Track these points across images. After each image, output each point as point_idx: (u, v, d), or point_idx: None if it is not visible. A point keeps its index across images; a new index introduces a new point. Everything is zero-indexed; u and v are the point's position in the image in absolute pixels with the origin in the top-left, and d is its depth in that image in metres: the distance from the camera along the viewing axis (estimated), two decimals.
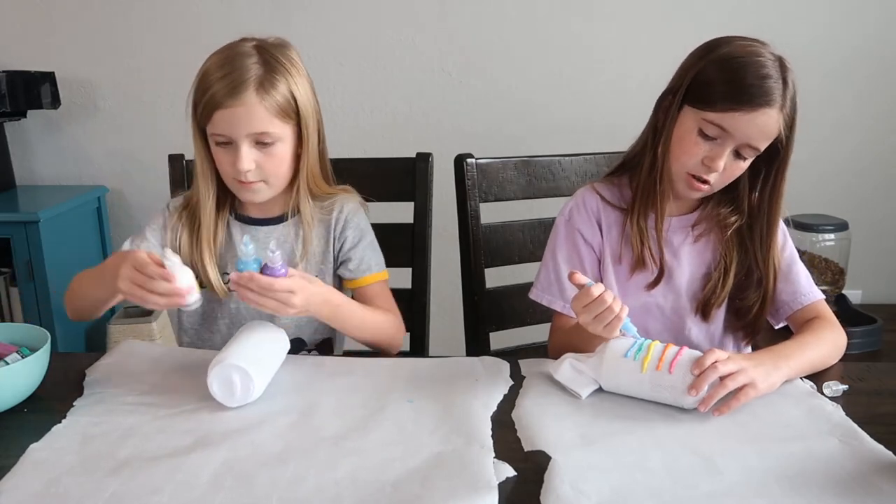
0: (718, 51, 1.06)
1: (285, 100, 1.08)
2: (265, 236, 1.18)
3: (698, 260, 1.16)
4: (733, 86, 1.02)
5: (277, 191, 1.15)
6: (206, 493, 0.73)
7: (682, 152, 1.07)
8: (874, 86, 2.18)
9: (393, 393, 0.95)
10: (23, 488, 0.74)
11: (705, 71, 1.05)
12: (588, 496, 0.72)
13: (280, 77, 1.08)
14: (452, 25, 2.20)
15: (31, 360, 0.92)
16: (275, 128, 1.08)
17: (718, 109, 1.02)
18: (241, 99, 1.05)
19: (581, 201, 1.20)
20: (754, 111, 1.00)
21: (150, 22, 2.22)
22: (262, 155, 1.09)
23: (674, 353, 0.91)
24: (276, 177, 1.12)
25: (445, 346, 1.37)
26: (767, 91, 1.00)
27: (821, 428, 0.86)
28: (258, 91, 1.06)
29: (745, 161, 1.06)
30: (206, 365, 0.91)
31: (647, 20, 2.15)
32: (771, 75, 1.01)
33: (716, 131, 1.03)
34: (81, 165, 2.33)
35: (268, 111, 1.07)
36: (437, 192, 1.43)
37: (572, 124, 2.22)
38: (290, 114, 1.10)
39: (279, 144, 1.10)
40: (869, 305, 2.17)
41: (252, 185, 1.11)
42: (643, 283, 1.15)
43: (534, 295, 1.21)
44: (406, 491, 0.73)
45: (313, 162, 1.16)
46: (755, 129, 1.02)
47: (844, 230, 2.02)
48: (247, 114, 1.06)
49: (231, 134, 1.07)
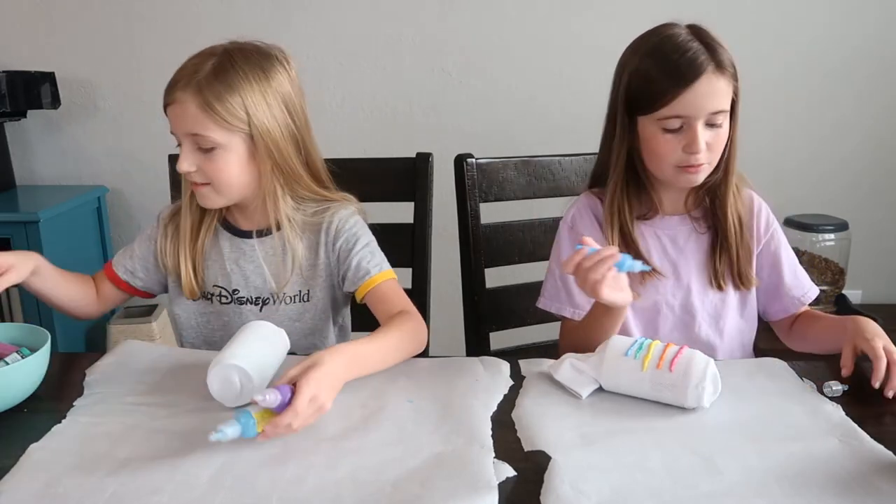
0: (634, 56, 1.10)
1: (230, 108, 1.04)
2: (251, 249, 1.17)
3: (703, 247, 1.17)
4: (664, 74, 1.05)
5: (230, 199, 1.12)
6: (206, 493, 0.73)
7: (659, 156, 1.09)
8: (874, 86, 2.18)
9: (393, 393, 0.95)
10: (23, 488, 0.74)
11: (633, 79, 1.09)
12: (588, 496, 0.72)
13: (229, 84, 1.04)
14: (452, 25, 2.20)
15: (31, 360, 0.92)
16: (211, 133, 1.04)
17: (665, 102, 1.05)
18: (178, 96, 1.04)
19: (583, 207, 1.20)
20: (695, 83, 1.03)
21: (151, 22, 2.22)
22: (204, 159, 1.07)
23: (674, 352, 0.91)
24: (221, 183, 1.08)
25: (445, 346, 1.37)
26: (694, 60, 1.04)
27: (821, 428, 0.86)
28: (197, 93, 1.03)
29: (721, 127, 1.07)
30: (206, 365, 0.91)
31: (647, 20, 2.13)
32: (691, 47, 1.05)
33: (676, 122, 1.06)
34: (81, 165, 2.33)
35: (205, 114, 1.03)
36: (437, 192, 1.43)
37: (572, 124, 2.22)
38: (236, 123, 1.05)
39: (220, 151, 1.06)
40: (869, 305, 2.17)
41: (198, 189, 1.10)
42: (651, 283, 1.15)
43: (542, 304, 1.22)
44: (406, 491, 0.73)
45: (292, 170, 1.12)
46: (706, 98, 1.04)
47: (844, 230, 2.02)
48: (182, 112, 1.04)
49: (174, 131, 1.07)
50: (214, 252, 1.19)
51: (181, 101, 1.04)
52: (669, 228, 1.18)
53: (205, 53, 1.08)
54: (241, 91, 1.05)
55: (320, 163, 1.18)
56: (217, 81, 1.04)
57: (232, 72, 1.05)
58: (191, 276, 1.16)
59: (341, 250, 1.17)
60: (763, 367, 1.03)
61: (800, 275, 1.21)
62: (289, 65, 1.13)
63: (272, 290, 1.17)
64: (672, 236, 1.17)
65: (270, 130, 1.08)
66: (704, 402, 0.89)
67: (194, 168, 1.07)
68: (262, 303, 1.18)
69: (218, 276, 1.18)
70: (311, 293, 1.18)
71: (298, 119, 1.13)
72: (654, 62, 1.07)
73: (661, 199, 1.17)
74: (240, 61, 1.06)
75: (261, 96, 1.07)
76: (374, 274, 1.14)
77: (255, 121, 1.06)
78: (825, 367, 1.04)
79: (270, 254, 1.17)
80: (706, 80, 1.04)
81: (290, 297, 1.17)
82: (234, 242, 1.18)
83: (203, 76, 1.04)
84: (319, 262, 1.18)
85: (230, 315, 1.18)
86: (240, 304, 1.18)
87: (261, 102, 1.07)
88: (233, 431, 0.78)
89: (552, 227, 1.46)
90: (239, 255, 1.18)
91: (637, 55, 1.10)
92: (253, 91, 1.06)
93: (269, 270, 1.16)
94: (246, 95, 1.05)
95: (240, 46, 1.10)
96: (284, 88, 1.10)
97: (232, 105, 1.04)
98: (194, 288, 1.17)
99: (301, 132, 1.13)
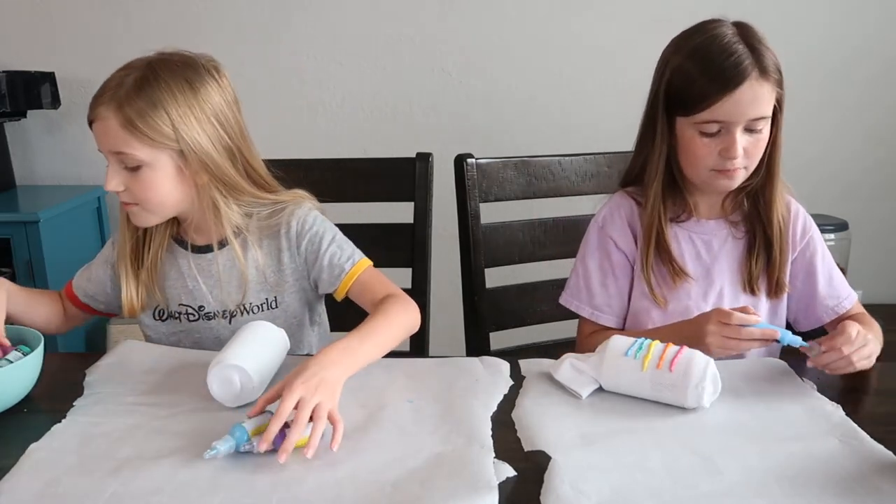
0: (677, 55, 1.07)
1: (154, 125, 1.00)
2: (209, 264, 1.14)
3: (739, 252, 1.15)
4: (707, 77, 1.02)
5: (162, 216, 1.09)
6: (205, 493, 0.73)
7: (696, 159, 1.08)
8: (875, 86, 2.18)
9: (393, 393, 0.94)
10: (23, 488, 0.74)
11: (675, 78, 1.06)
12: (588, 496, 0.72)
13: (152, 100, 1.00)
14: (452, 25, 2.20)
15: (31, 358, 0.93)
16: (136, 151, 1.00)
17: (705, 107, 1.03)
18: (100, 112, 1.01)
19: (615, 207, 1.19)
20: (737, 90, 1.01)
21: (151, 22, 2.22)
22: (131, 178, 1.03)
23: (674, 353, 0.91)
24: (150, 202, 1.05)
25: (445, 346, 1.37)
26: (738, 65, 1.01)
27: (821, 428, 0.86)
28: (119, 109, 0.99)
29: (761, 132, 1.05)
30: (206, 365, 0.91)
31: (648, 20, 2.14)
32: (736, 49, 1.02)
33: (714, 126, 1.04)
34: (81, 165, 2.33)
35: (127, 132, 0.99)
36: (437, 192, 1.43)
37: (572, 124, 2.22)
38: (162, 140, 1.01)
39: (147, 170, 1.02)
40: (869, 305, 2.15)
41: (129, 208, 1.07)
42: (683, 288, 1.14)
43: (563, 300, 1.21)
44: (406, 491, 0.73)
45: (230, 181, 1.08)
46: (747, 105, 1.02)
47: (844, 230, 2.02)
48: (105, 130, 1.01)
49: (100, 149, 1.03)
50: (173, 272, 1.16)
51: (103, 117, 1.00)
52: (705, 233, 1.16)
53: (130, 66, 1.04)
54: (166, 106, 1.01)
55: (261, 168, 1.14)
56: (139, 97, 1.00)
57: (155, 85, 1.01)
58: (132, 295, 1.13)
59: (308, 252, 1.14)
60: (763, 367, 1.03)
61: (836, 283, 1.17)
62: (219, 74, 1.08)
63: (236, 303, 1.14)
64: (707, 240, 1.15)
65: (202, 144, 1.04)
66: (704, 402, 0.89)
67: (122, 188, 1.04)
68: (230, 315, 1.15)
69: (181, 294, 1.15)
70: (280, 299, 1.16)
71: (232, 130, 1.08)
72: (697, 63, 1.04)
73: (696, 203, 1.16)
74: (164, 74, 1.02)
75: (187, 110, 1.02)
76: (349, 269, 1.12)
77: (183, 136, 1.02)
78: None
79: (229, 266, 1.13)
80: (749, 87, 1.01)
81: (258, 307, 1.15)
82: (191, 259, 1.15)
83: (124, 91, 1.00)
84: (284, 268, 1.15)
85: (201, 332, 1.16)
86: (208, 320, 1.15)
87: (188, 116, 1.02)
88: (227, 448, 0.78)
89: (552, 227, 1.46)
90: (198, 271, 1.14)
91: (680, 54, 1.07)
92: (178, 105, 1.02)
93: (231, 282, 1.13)
94: (171, 110, 1.01)
95: (165, 58, 1.05)
96: (214, 100, 1.06)
97: (156, 121, 1.00)
98: (135, 307, 1.14)
99: (236, 142, 1.09)
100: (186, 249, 1.15)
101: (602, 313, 1.18)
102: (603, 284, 1.17)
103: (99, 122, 1.02)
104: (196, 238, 1.16)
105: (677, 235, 1.15)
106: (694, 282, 1.14)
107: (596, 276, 1.18)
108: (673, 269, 1.13)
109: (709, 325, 0.98)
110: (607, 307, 1.18)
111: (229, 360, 0.90)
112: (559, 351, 1.10)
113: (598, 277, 1.18)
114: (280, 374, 0.98)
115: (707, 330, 0.98)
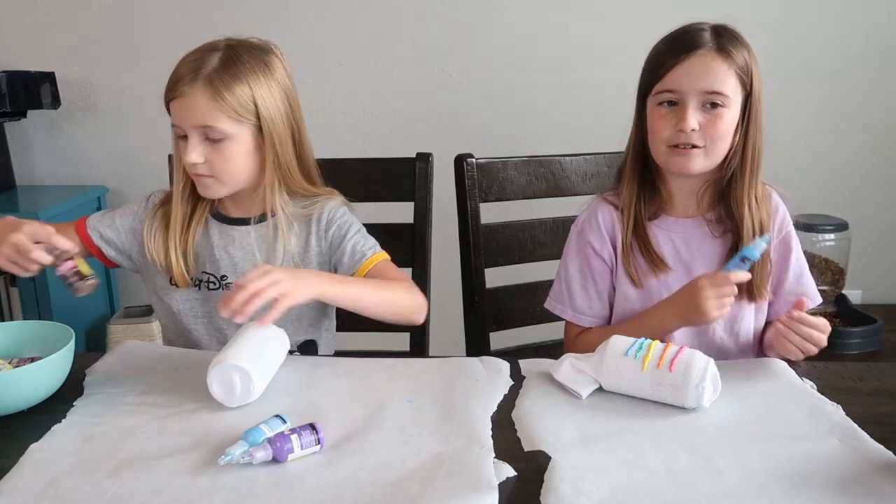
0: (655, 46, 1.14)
1: (240, 99, 1.08)
2: (241, 236, 1.18)
3: (719, 252, 1.15)
4: (666, 47, 1.09)
5: (232, 189, 1.14)
6: (206, 493, 0.73)
7: (654, 133, 1.11)
8: (875, 86, 2.18)
9: (393, 393, 0.94)
10: (23, 488, 0.74)
11: (646, 63, 1.13)
12: (588, 496, 0.72)
13: (237, 76, 1.08)
14: (452, 25, 2.20)
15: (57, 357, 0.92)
16: (222, 124, 1.07)
17: (661, 75, 1.08)
18: (188, 90, 1.06)
19: (592, 213, 1.20)
20: (688, 58, 1.06)
21: (151, 22, 2.22)
22: (212, 150, 1.09)
23: (674, 352, 0.91)
24: (226, 174, 1.11)
25: (445, 346, 1.37)
26: (693, 38, 1.07)
27: (821, 428, 0.86)
28: (207, 85, 1.06)
29: (720, 109, 1.07)
30: (206, 365, 0.91)
31: (648, 20, 2.14)
32: (701, 27, 1.08)
33: (668, 95, 1.08)
34: (81, 165, 2.33)
35: (215, 106, 1.06)
36: (437, 192, 1.43)
37: (572, 124, 2.22)
38: (245, 114, 1.09)
39: (228, 142, 1.09)
40: (869, 305, 2.17)
41: (202, 179, 1.12)
42: (664, 285, 1.14)
43: (547, 304, 1.24)
44: (406, 491, 0.73)
45: (288, 164, 1.15)
46: (699, 76, 1.06)
47: (844, 230, 2.02)
48: (192, 105, 1.07)
49: (181, 124, 1.09)
50: (204, 240, 1.20)
51: (189, 94, 1.06)
52: (683, 231, 1.16)
53: (205, 48, 1.10)
54: (250, 82, 1.09)
55: (312, 159, 1.21)
56: (227, 74, 1.07)
57: (240, 63, 1.08)
58: (181, 266, 1.17)
59: (334, 237, 1.19)
60: (763, 367, 1.03)
61: (804, 282, 1.17)
62: (284, 59, 1.16)
63: None
64: (686, 239, 1.16)
65: (276, 122, 1.12)
66: (704, 402, 0.89)
67: (202, 159, 1.09)
68: None
69: (206, 262, 1.19)
70: None
71: (297, 109, 1.16)
72: (664, 41, 1.11)
73: (670, 194, 1.16)
74: (244, 54, 1.10)
75: (266, 88, 1.10)
76: (370, 256, 1.17)
77: (262, 112, 1.10)
78: (825, 367, 1.04)
79: (261, 241, 1.18)
80: (701, 57, 1.06)
81: None
82: (223, 230, 1.19)
83: (212, 69, 1.07)
84: (310, 251, 1.19)
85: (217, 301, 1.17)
86: (228, 290, 1.17)
87: (267, 94, 1.10)
88: (241, 453, 0.78)
89: (552, 227, 1.46)
90: (228, 242, 1.19)
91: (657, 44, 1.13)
92: (259, 83, 1.10)
93: (258, 257, 1.17)
94: (254, 87, 1.09)
95: (239, 41, 1.13)
96: (284, 81, 1.14)
97: (242, 96, 1.08)
98: (185, 277, 1.17)
99: (298, 124, 1.17)
100: (219, 221, 1.20)
101: (584, 316, 1.20)
102: (583, 287, 1.20)
103: (184, 98, 1.07)
104: (232, 210, 1.20)
105: (656, 235, 1.16)
106: (674, 273, 1.14)
107: (576, 280, 1.20)
108: (652, 260, 1.14)
109: (704, 291, 1.02)
110: (588, 310, 1.20)
111: (229, 360, 0.90)
112: (559, 351, 1.10)
113: (579, 281, 1.20)
114: (280, 374, 0.98)
115: (703, 295, 1.02)
